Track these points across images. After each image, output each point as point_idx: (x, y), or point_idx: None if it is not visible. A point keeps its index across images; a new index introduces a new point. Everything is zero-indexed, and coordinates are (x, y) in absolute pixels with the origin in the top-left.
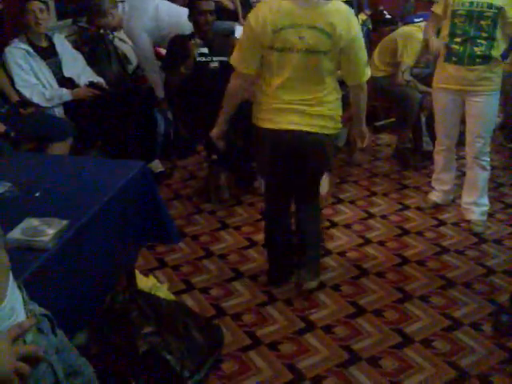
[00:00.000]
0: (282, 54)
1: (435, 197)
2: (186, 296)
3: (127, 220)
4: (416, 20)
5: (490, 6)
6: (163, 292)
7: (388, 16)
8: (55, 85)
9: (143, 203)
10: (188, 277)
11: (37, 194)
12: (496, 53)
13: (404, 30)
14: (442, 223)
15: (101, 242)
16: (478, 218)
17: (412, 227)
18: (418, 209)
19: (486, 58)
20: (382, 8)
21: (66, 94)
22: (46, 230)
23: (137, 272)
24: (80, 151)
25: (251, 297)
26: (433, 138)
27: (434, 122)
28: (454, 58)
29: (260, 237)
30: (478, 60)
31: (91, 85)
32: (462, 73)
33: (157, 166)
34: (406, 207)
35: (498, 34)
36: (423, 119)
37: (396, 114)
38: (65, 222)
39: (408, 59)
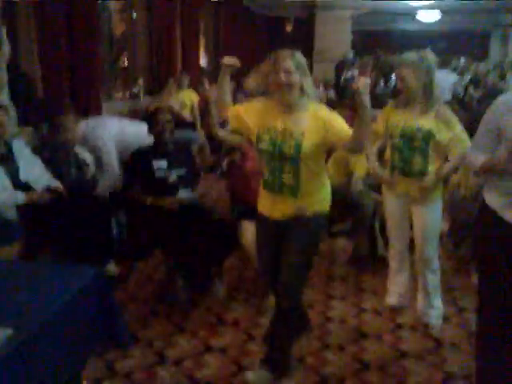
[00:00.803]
0: None
1: (391, 299)
2: None
3: (78, 328)
4: None
5: (419, 130)
6: None
7: None
8: (10, 188)
9: (96, 309)
10: None
11: None
12: (432, 167)
13: None
14: (399, 326)
15: (48, 352)
16: (434, 322)
17: (370, 331)
18: (376, 312)
19: (424, 173)
20: None
21: (20, 197)
22: None
23: (84, 382)
24: (32, 254)
25: None
26: (386, 242)
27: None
28: (395, 171)
29: (217, 341)
30: (416, 174)
31: (48, 190)
32: (404, 182)
33: (112, 268)
34: (364, 310)
35: (432, 153)
36: (377, 225)
37: (351, 221)
38: (9, 331)
39: (360, 170)
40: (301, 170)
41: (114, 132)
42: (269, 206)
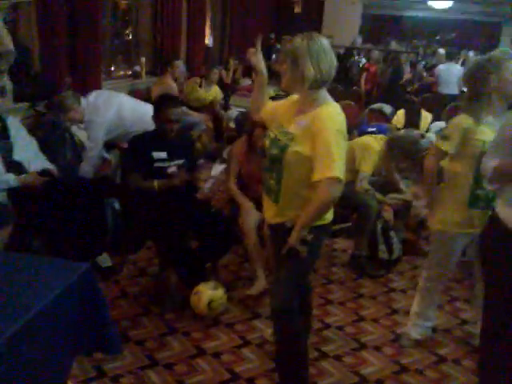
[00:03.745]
0: None
1: (418, 332)
2: None
3: (64, 328)
4: (370, 130)
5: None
6: None
7: None
8: (2, 169)
9: (84, 309)
10: None
11: None
12: None
13: (361, 140)
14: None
15: (32, 353)
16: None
17: (369, 341)
18: (374, 320)
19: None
20: None
21: (12, 180)
22: None
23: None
24: (22, 240)
25: None
26: (388, 246)
27: (389, 230)
28: (481, 204)
29: (210, 344)
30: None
31: (42, 172)
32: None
33: (105, 260)
34: (362, 318)
35: None
36: (379, 227)
37: (353, 221)
38: None
39: (366, 168)
40: (284, 176)
41: (113, 113)
42: (265, 207)
